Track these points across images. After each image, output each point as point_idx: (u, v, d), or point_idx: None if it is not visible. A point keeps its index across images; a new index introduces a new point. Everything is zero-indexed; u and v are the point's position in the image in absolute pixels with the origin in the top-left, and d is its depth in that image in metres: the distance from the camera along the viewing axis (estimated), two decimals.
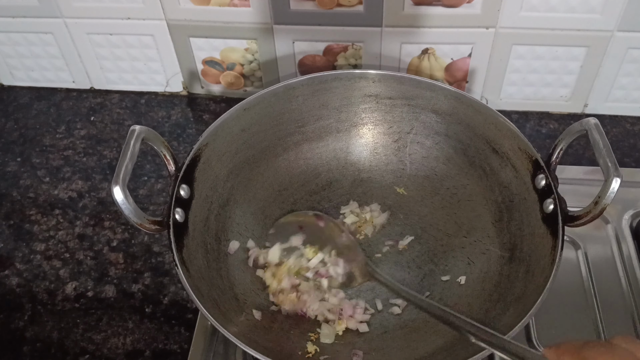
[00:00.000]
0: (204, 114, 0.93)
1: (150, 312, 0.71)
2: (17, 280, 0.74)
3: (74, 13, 0.86)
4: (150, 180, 0.84)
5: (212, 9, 0.82)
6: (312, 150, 0.77)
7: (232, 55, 0.89)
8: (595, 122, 0.58)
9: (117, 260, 0.76)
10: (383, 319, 0.66)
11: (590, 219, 0.57)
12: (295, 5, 0.80)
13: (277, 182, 0.75)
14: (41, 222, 0.80)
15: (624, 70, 0.83)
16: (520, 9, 0.78)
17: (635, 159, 0.84)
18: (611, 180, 0.54)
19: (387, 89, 0.74)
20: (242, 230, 0.71)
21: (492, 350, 0.51)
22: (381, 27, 0.81)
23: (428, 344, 0.62)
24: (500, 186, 0.69)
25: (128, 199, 0.54)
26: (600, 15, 0.77)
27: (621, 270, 0.71)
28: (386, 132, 0.77)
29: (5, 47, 0.93)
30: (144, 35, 0.87)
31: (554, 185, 0.61)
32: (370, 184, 0.77)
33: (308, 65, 0.88)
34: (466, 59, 0.85)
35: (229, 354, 0.66)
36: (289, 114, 0.74)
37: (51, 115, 0.95)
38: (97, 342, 0.68)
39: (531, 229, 0.63)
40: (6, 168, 0.87)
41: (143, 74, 0.94)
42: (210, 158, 0.67)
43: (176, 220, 0.60)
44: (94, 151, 0.89)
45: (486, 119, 0.69)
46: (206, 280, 0.61)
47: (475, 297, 0.65)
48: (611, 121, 0.89)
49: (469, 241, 0.70)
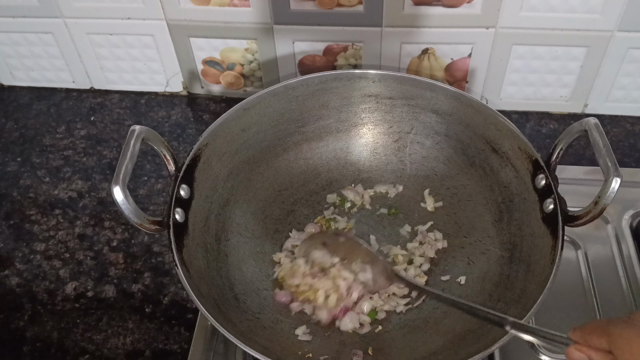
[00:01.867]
0: (204, 114, 0.93)
1: (150, 312, 0.71)
2: (17, 280, 0.74)
3: (74, 13, 0.86)
4: (151, 180, 0.84)
5: (212, 9, 0.82)
6: (312, 151, 0.77)
7: (232, 55, 0.89)
8: (595, 122, 0.58)
9: (117, 260, 0.76)
10: (383, 319, 0.66)
11: (590, 219, 0.57)
12: (295, 5, 0.80)
13: (277, 182, 0.75)
14: (41, 222, 0.80)
15: (624, 70, 0.83)
16: (520, 9, 0.78)
17: (635, 159, 0.84)
18: (611, 180, 0.54)
19: (387, 89, 0.74)
20: (242, 230, 0.71)
21: (520, 335, 0.51)
22: (381, 27, 0.81)
23: (428, 344, 0.62)
24: (500, 186, 0.69)
25: (128, 199, 0.54)
26: (600, 15, 0.77)
27: (621, 270, 0.71)
28: (386, 132, 0.77)
29: (5, 47, 0.92)
30: (144, 35, 0.87)
31: (553, 185, 0.61)
32: (370, 184, 0.77)
33: (308, 65, 0.88)
34: (466, 59, 0.85)
35: (229, 354, 0.66)
36: (288, 114, 0.74)
37: (51, 115, 0.95)
38: (97, 342, 0.68)
39: (531, 229, 0.63)
40: (6, 168, 0.87)
41: (143, 74, 0.94)
42: (210, 158, 0.67)
43: (176, 221, 0.60)
44: (94, 151, 0.89)
45: (486, 119, 0.69)
46: (206, 281, 0.61)
47: (476, 297, 0.65)
48: (611, 121, 0.89)
49: (469, 241, 0.70)
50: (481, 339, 0.56)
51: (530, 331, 0.51)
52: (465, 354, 0.53)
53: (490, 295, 0.64)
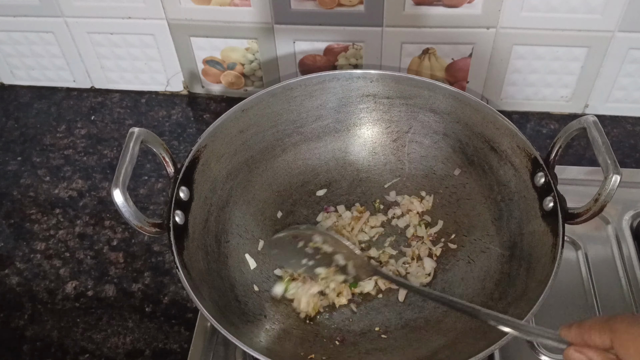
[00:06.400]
0: (205, 114, 0.93)
1: (150, 312, 0.71)
2: (18, 280, 0.74)
3: (75, 12, 0.86)
4: (151, 179, 0.84)
5: (213, 8, 0.82)
6: (310, 151, 0.77)
7: (232, 55, 0.89)
8: (594, 120, 0.58)
9: (117, 259, 0.76)
10: (384, 319, 0.66)
11: (591, 216, 0.57)
12: (296, 4, 0.80)
13: (276, 183, 0.75)
14: (41, 222, 0.80)
15: (624, 71, 0.83)
16: (521, 9, 0.78)
17: (636, 160, 0.84)
18: (611, 177, 0.54)
19: (385, 89, 0.74)
20: (242, 231, 0.71)
21: (510, 331, 0.49)
22: (382, 27, 0.81)
23: (429, 344, 0.62)
24: (500, 184, 0.69)
25: (128, 201, 0.54)
26: (601, 16, 0.77)
27: (621, 270, 0.71)
28: (384, 132, 0.77)
29: (6, 46, 0.93)
30: (144, 34, 0.87)
31: (553, 183, 0.61)
32: (369, 184, 0.77)
33: (309, 65, 0.88)
34: (467, 59, 0.85)
35: (228, 354, 0.66)
36: (287, 115, 0.74)
37: (52, 114, 0.95)
38: (97, 341, 0.69)
39: (531, 227, 0.63)
40: (7, 167, 0.88)
41: (144, 73, 0.94)
42: (209, 160, 0.67)
43: (176, 223, 0.60)
44: (95, 150, 0.89)
45: (485, 118, 0.69)
46: (207, 283, 0.61)
47: (476, 296, 0.65)
48: (612, 121, 0.89)
49: (468, 240, 0.70)
50: (482, 339, 0.56)
51: (529, 332, 0.49)
52: (465, 354, 0.53)
53: (491, 294, 0.64)
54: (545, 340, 0.47)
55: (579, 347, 0.44)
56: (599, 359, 0.42)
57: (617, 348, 0.41)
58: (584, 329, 0.43)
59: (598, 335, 0.42)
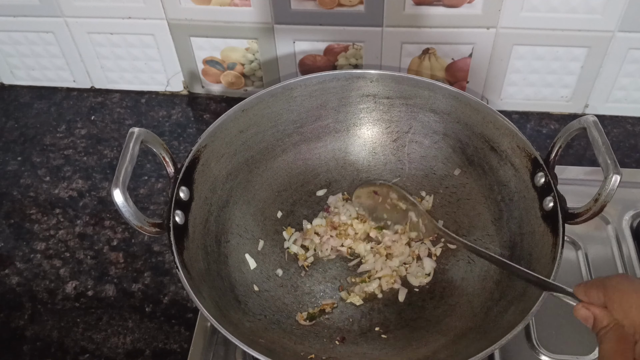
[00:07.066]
0: (205, 114, 0.93)
1: (150, 312, 0.71)
2: (18, 280, 0.74)
3: (75, 12, 0.86)
4: (151, 179, 0.84)
5: (213, 8, 0.82)
6: (310, 151, 0.77)
7: (232, 55, 0.89)
8: (594, 120, 0.58)
9: (117, 259, 0.76)
10: (384, 318, 0.66)
11: (591, 216, 0.57)
12: (296, 5, 0.80)
13: (276, 183, 0.75)
14: (41, 221, 0.80)
15: (624, 71, 0.83)
16: (521, 9, 0.78)
17: (636, 160, 0.84)
18: (611, 177, 0.54)
19: (385, 89, 0.74)
20: (242, 231, 0.71)
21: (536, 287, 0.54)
22: (382, 27, 0.81)
23: (429, 343, 0.62)
24: (500, 184, 0.69)
25: (128, 202, 0.54)
26: (601, 16, 0.77)
27: (621, 270, 0.71)
28: (384, 132, 0.77)
29: (6, 46, 0.93)
30: (144, 34, 0.87)
31: (553, 183, 0.61)
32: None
33: (309, 65, 0.88)
34: (467, 59, 0.85)
35: (229, 354, 0.66)
36: (287, 115, 0.74)
37: (52, 114, 0.95)
38: (97, 341, 0.69)
39: (531, 227, 0.63)
40: (7, 167, 0.88)
41: (144, 73, 0.94)
42: (209, 160, 0.67)
43: (176, 223, 0.60)
44: (95, 150, 0.89)
45: (484, 118, 0.69)
46: (207, 283, 0.61)
47: (477, 296, 0.65)
48: (612, 122, 0.89)
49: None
50: (482, 339, 0.56)
51: (547, 286, 0.53)
52: (465, 354, 0.53)
53: (491, 294, 0.64)
54: (563, 297, 0.51)
55: (586, 304, 0.48)
56: (602, 315, 0.47)
57: (608, 304, 0.46)
58: (587, 287, 0.49)
59: (595, 292, 0.48)
